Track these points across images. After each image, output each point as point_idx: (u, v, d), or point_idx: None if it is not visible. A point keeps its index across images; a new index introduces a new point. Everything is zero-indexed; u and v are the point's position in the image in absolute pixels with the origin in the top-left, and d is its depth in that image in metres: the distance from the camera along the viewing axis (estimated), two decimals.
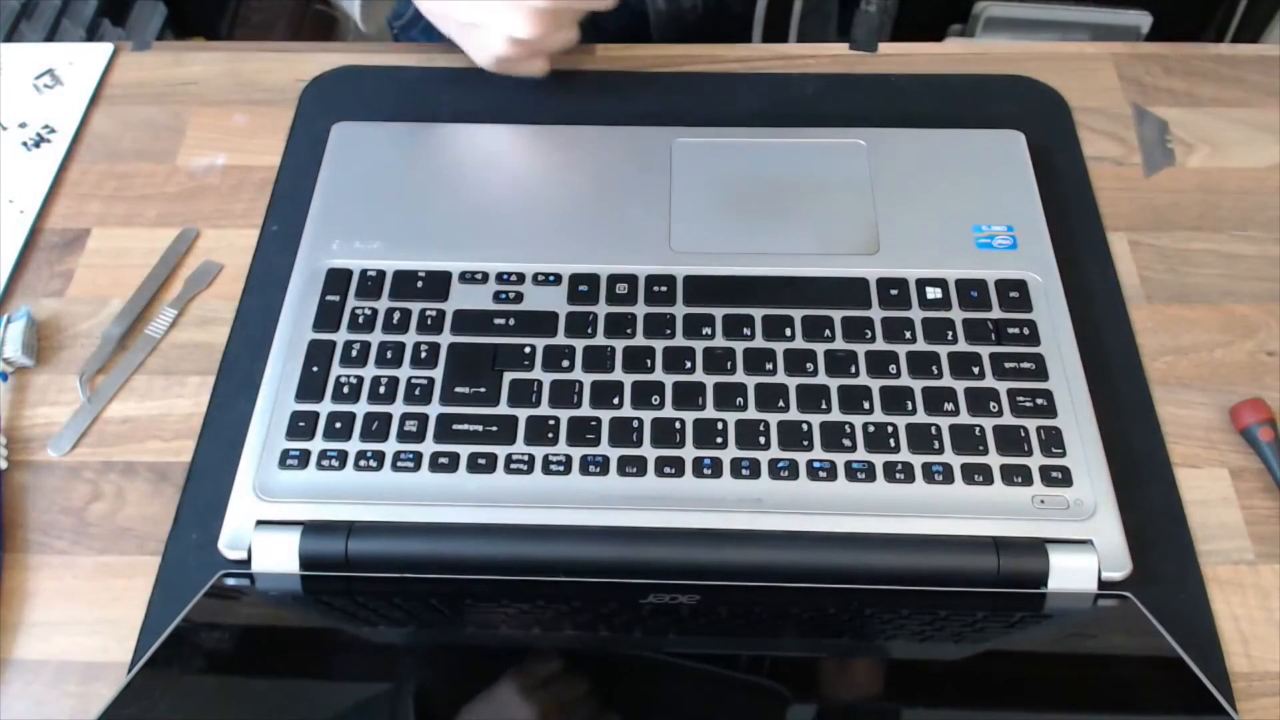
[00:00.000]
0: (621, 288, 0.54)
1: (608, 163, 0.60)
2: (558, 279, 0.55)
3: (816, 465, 0.49)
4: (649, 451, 0.49)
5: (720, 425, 0.50)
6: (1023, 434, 0.49)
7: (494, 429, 0.50)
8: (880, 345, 0.52)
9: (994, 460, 0.49)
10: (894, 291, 0.54)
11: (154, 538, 0.49)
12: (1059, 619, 0.46)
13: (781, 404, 0.50)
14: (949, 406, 0.50)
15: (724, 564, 0.47)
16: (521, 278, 0.55)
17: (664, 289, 0.54)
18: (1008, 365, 0.51)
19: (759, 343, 0.52)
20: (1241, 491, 0.50)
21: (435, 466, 0.49)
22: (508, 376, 0.51)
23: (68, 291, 0.57)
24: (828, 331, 0.52)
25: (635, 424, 0.50)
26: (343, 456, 0.49)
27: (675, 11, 0.77)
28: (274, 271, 0.57)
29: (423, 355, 0.52)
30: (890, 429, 0.49)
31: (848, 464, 0.49)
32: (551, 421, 0.50)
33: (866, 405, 0.50)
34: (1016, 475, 0.48)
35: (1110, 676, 0.44)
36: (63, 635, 0.47)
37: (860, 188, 0.59)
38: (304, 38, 1.59)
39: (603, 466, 0.49)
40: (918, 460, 0.49)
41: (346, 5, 0.68)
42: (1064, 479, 0.48)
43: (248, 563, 0.47)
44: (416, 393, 0.51)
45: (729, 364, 0.51)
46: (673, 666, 0.43)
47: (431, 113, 0.64)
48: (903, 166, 0.59)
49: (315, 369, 0.52)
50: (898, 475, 0.48)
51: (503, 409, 0.50)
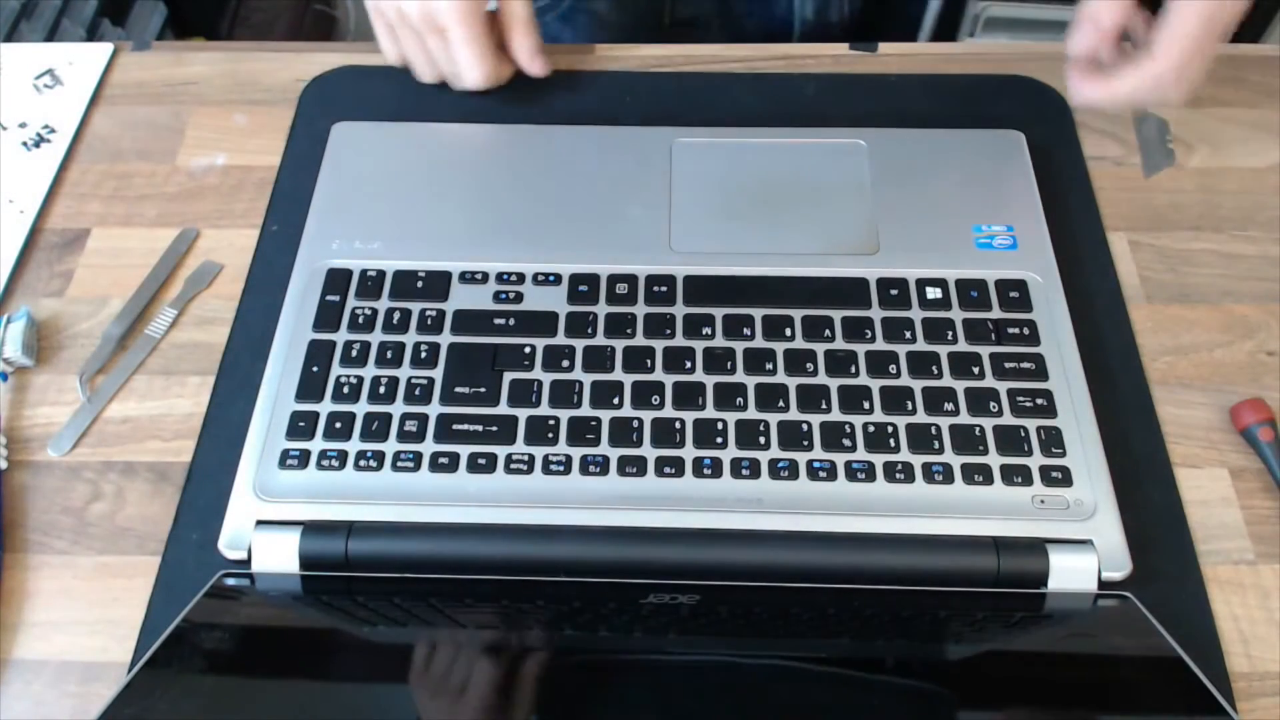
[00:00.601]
0: (621, 288, 0.54)
1: (608, 163, 0.60)
2: (558, 279, 0.55)
3: (816, 465, 0.49)
4: (649, 451, 0.49)
5: (720, 425, 0.50)
6: (1023, 434, 0.49)
7: (494, 429, 0.50)
8: (880, 345, 0.52)
9: (994, 460, 0.49)
10: (894, 291, 0.54)
11: (154, 538, 0.49)
12: (1059, 619, 0.46)
13: (781, 404, 0.50)
14: (949, 406, 0.50)
15: (724, 564, 0.46)
16: (521, 278, 0.55)
17: (664, 289, 0.54)
18: (1008, 365, 0.51)
19: (759, 343, 0.52)
20: (1241, 491, 0.50)
21: (435, 466, 0.49)
22: (508, 376, 0.51)
23: (68, 291, 0.57)
24: (828, 331, 0.52)
25: (635, 424, 0.50)
26: (343, 456, 0.49)
27: (822, 23, 0.76)
28: (274, 271, 0.57)
29: (423, 355, 0.52)
30: (890, 429, 0.49)
31: (848, 464, 0.49)
32: (551, 421, 0.50)
33: (866, 405, 0.50)
34: (1016, 475, 0.48)
35: (1110, 676, 0.44)
36: (63, 635, 0.47)
37: (860, 188, 0.59)
38: (304, 38, 1.59)
39: (603, 466, 0.49)
40: (918, 460, 0.49)
41: None
42: (1064, 479, 0.48)
43: (248, 563, 0.47)
44: (416, 393, 0.51)
45: (729, 364, 0.51)
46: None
47: (431, 113, 0.64)
48: (903, 166, 0.59)
49: (315, 369, 0.52)
50: (898, 475, 0.48)
51: (503, 409, 0.50)
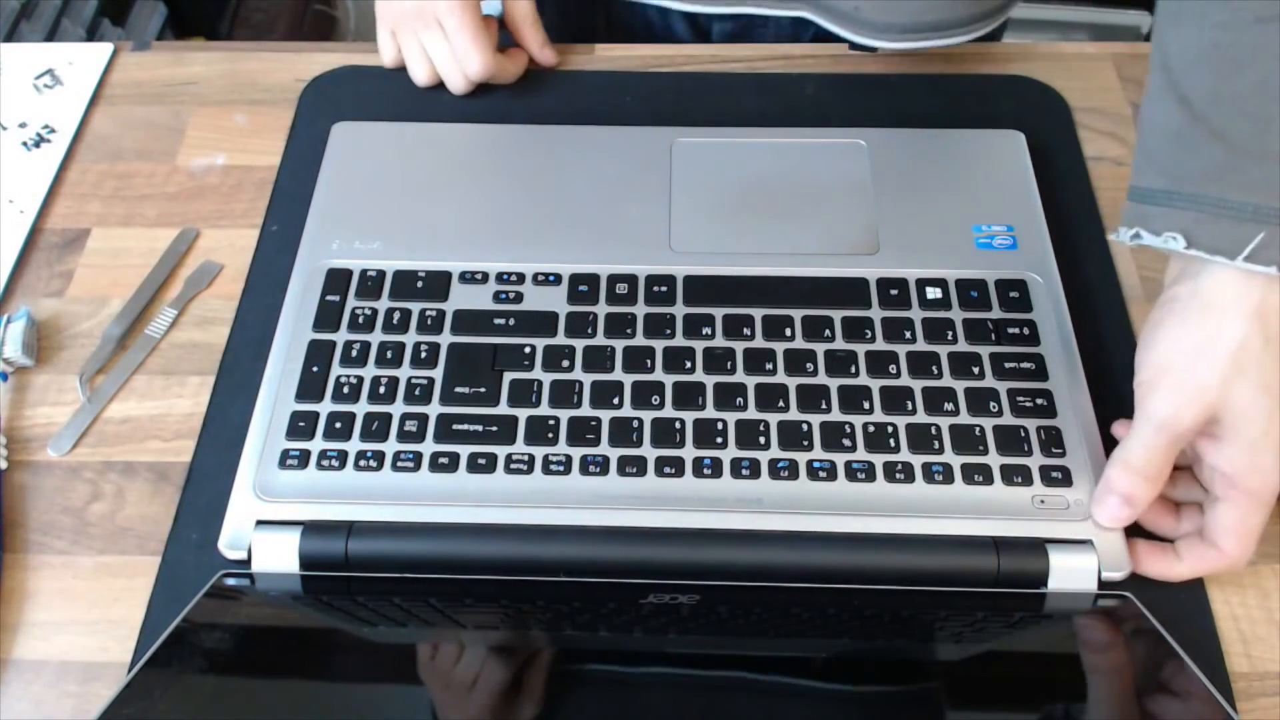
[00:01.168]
0: (621, 288, 0.54)
1: (608, 163, 0.60)
2: (558, 279, 0.55)
3: (816, 465, 0.48)
4: (649, 451, 0.49)
5: (720, 425, 0.50)
6: (1023, 434, 0.49)
7: (494, 429, 0.50)
8: (880, 345, 0.52)
9: (994, 460, 0.49)
10: (894, 291, 0.54)
11: (154, 538, 0.49)
12: (1059, 619, 0.46)
13: (781, 404, 0.50)
14: (949, 406, 0.50)
15: (724, 564, 0.46)
16: (521, 278, 0.55)
17: (664, 289, 0.54)
18: (1008, 365, 0.51)
19: (759, 343, 0.52)
20: None
21: (435, 466, 0.49)
22: (508, 376, 0.51)
23: (68, 291, 0.57)
24: (828, 331, 0.52)
25: (635, 424, 0.50)
26: (343, 456, 0.49)
27: None
28: (274, 271, 0.57)
29: (423, 355, 0.52)
30: (890, 429, 0.49)
31: (848, 464, 0.49)
32: (551, 421, 0.50)
33: (866, 405, 0.50)
34: (1016, 475, 0.48)
35: (1110, 677, 0.44)
36: (63, 635, 0.47)
37: (860, 188, 0.59)
38: (304, 38, 1.59)
39: (603, 466, 0.49)
40: (918, 460, 0.49)
41: None
42: (1064, 479, 0.48)
43: (248, 563, 0.47)
44: (416, 393, 0.51)
45: (729, 364, 0.51)
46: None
47: (431, 113, 0.64)
48: (903, 166, 0.59)
49: (315, 369, 0.52)
50: (898, 475, 0.48)
51: (503, 409, 0.50)
